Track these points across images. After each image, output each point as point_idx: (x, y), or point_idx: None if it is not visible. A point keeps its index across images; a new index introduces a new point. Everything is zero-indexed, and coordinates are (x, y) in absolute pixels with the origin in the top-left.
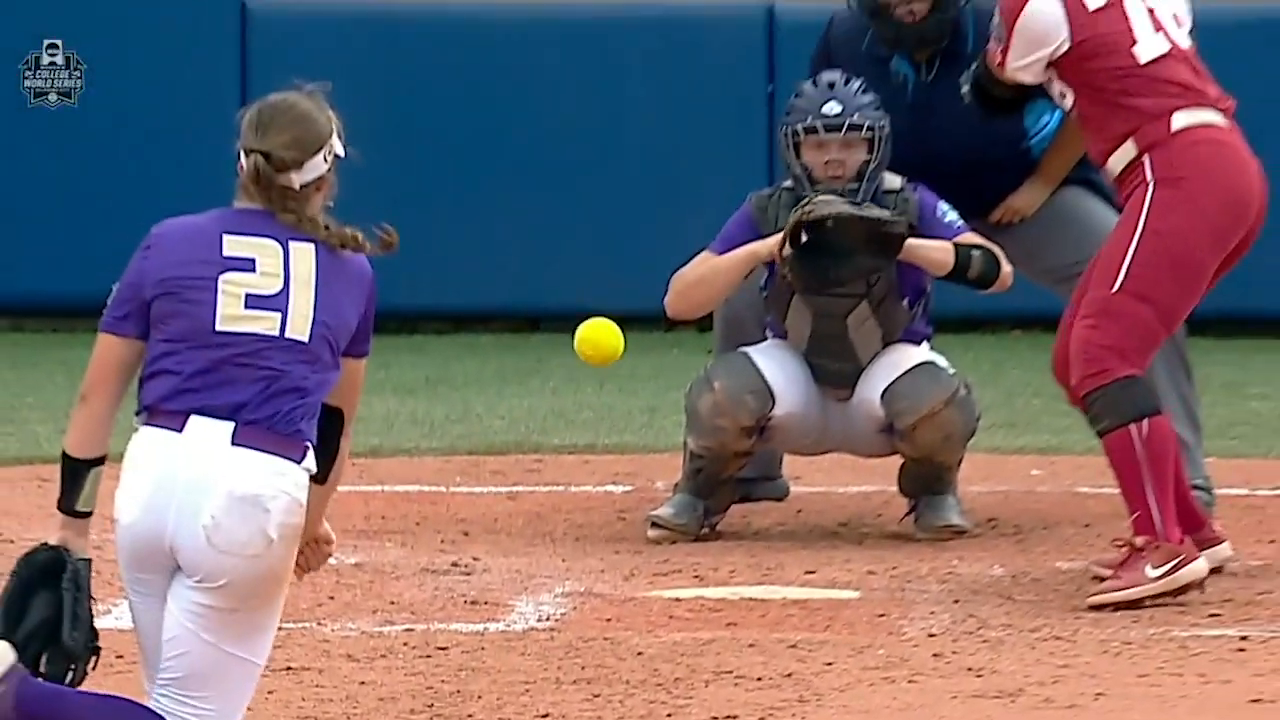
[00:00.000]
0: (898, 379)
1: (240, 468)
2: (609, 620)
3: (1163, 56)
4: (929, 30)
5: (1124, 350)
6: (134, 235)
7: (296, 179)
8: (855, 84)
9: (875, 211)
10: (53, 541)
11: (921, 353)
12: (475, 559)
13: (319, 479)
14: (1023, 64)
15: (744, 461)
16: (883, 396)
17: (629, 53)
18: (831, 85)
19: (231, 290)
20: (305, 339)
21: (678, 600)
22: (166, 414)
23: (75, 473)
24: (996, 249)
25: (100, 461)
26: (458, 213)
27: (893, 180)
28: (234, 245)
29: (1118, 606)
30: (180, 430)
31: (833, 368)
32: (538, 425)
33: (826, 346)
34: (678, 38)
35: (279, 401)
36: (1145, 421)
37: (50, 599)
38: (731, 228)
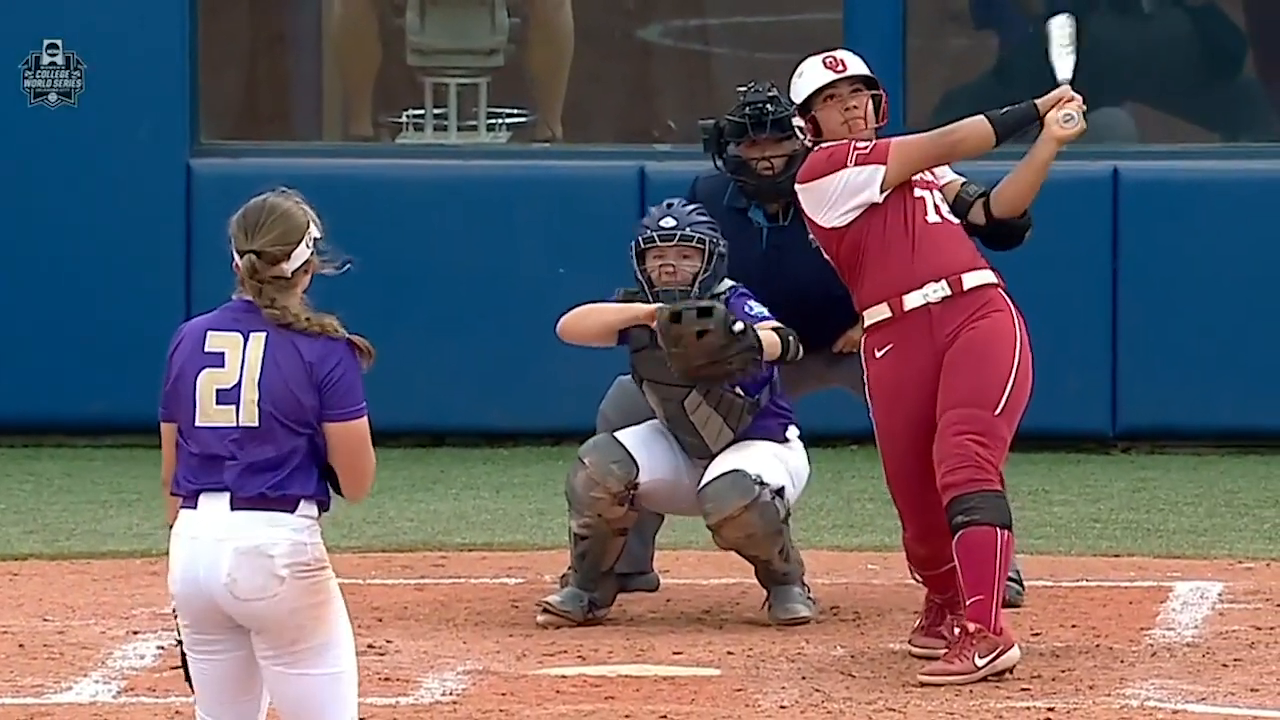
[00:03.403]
0: (709, 482)
1: (240, 527)
2: (504, 695)
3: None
4: (783, 183)
5: (998, 466)
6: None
7: (287, 267)
8: (691, 207)
9: (744, 333)
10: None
11: (756, 454)
12: (388, 641)
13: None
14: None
15: (622, 541)
16: (698, 493)
17: (520, 209)
18: (669, 205)
19: (206, 387)
20: (256, 424)
21: (564, 677)
22: (185, 496)
23: None
24: (793, 333)
25: None
26: (373, 340)
27: (721, 287)
28: (212, 341)
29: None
30: (195, 508)
31: (688, 440)
32: (442, 526)
33: (677, 424)
34: (562, 196)
35: (258, 480)
36: (1008, 531)
37: None
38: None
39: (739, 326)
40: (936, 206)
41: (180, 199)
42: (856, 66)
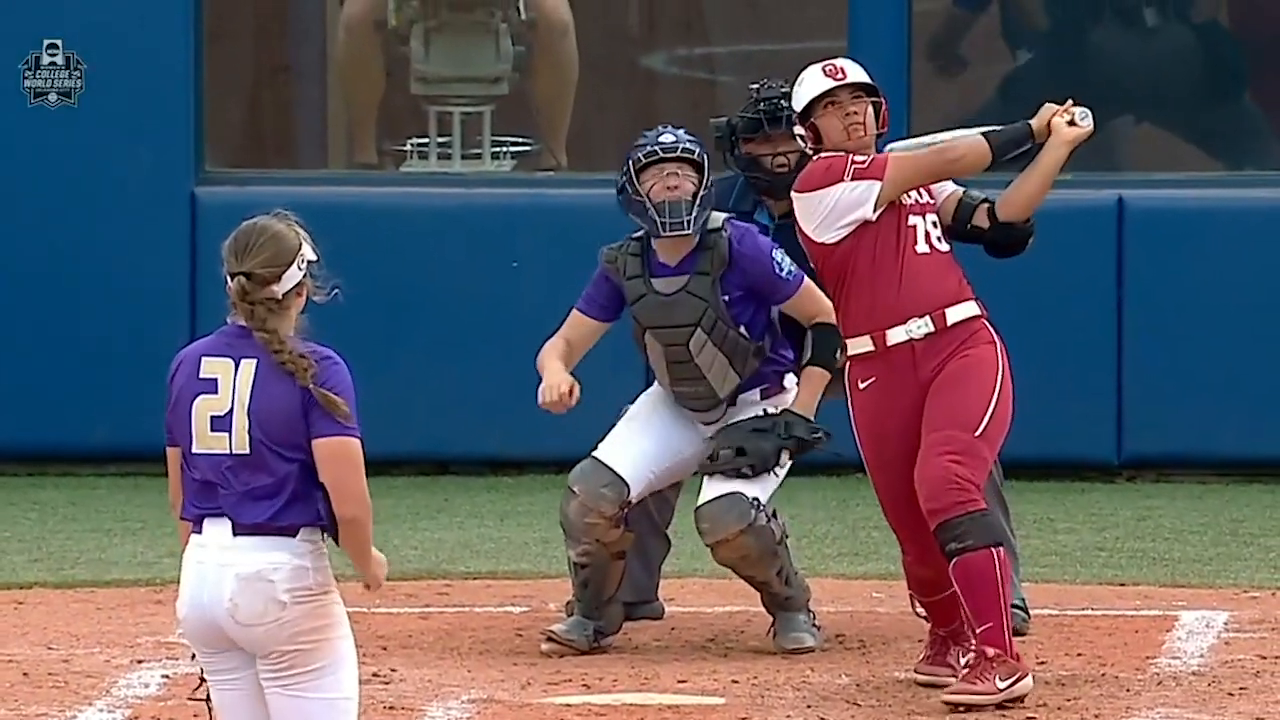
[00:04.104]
0: (707, 502)
1: (241, 553)
2: None
3: None
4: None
5: (980, 486)
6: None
7: (278, 289)
8: (680, 131)
9: (800, 431)
10: None
11: (748, 483)
12: (392, 670)
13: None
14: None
15: (622, 565)
16: (695, 511)
17: (524, 238)
18: (662, 127)
19: (201, 414)
20: (247, 451)
21: (568, 705)
22: (192, 520)
23: None
24: (832, 322)
25: None
26: (376, 374)
27: (715, 218)
28: (206, 367)
29: (968, 707)
30: (201, 533)
31: (691, 391)
32: (446, 555)
33: (680, 372)
34: (566, 225)
35: (257, 508)
36: (1001, 548)
37: None
38: (590, 287)
39: (776, 447)
40: (927, 234)
41: (185, 227)
42: (856, 74)
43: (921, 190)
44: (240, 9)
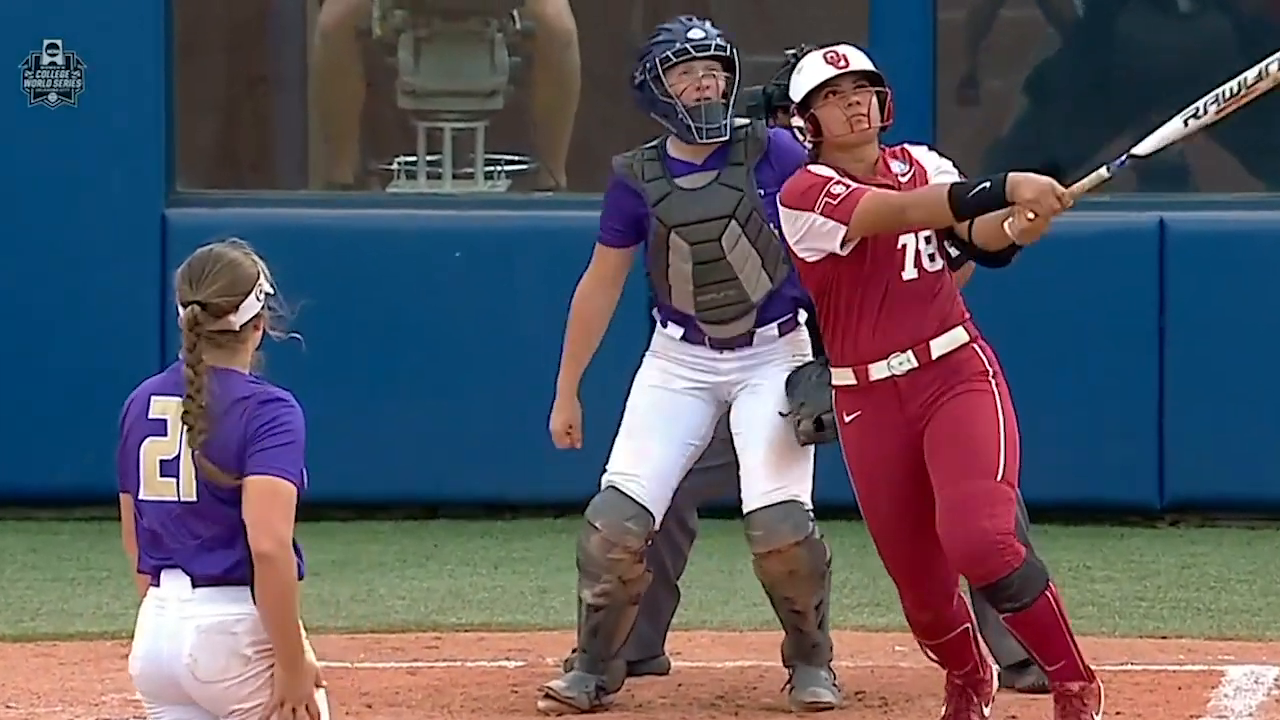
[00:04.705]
0: (759, 509)
1: (201, 605)
2: None
3: None
4: None
5: (1014, 532)
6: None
7: (235, 320)
8: (707, 22)
9: None
10: None
11: (795, 478)
12: None
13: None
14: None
15: (635, 611)
16: (745, 518)
17: (520, 263)
18: (687, 19)
19: (149, 458)
20: (194, 498)
21: None
22: (149, 572)
23: None
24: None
25: None
26: (362, 409)
27: (741, 119)
28: (156, 406)
29: None
30: (159, 585)
31: (719, 298)
32: (436, 605)
33: (709, 275)
34: (565, 249)
35: (212, 559)
36: (1052, 585)
37: None
38: (609, 203)
39: None
40: (918, 254)
41: (155, 252)
42: (860, 61)
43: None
44: (214, 15)
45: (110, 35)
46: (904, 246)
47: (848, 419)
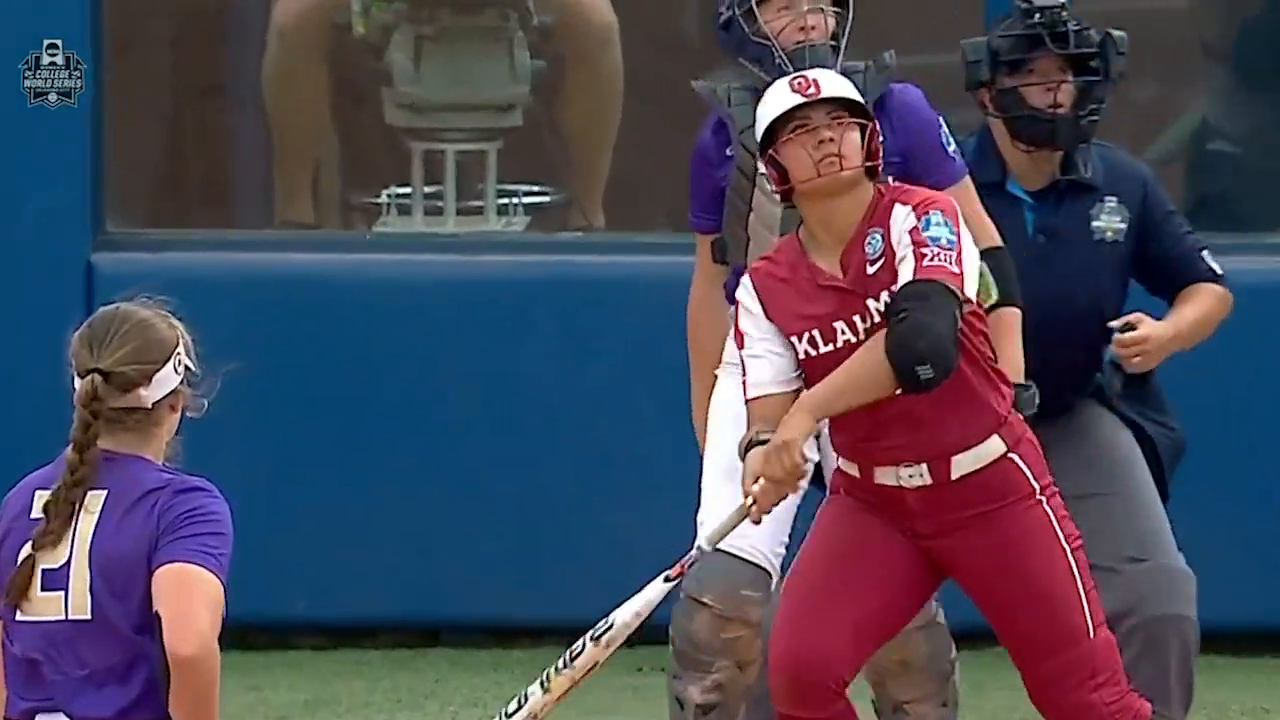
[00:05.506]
0: None
1: None
2: None
3: None
4: (1085, 125)
5: (1120, 679)
6: None
7: (147, 395)
8: None
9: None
10: None
11: None
12: None
13: None
14: None
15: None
16: None
17: (541, 322)
18: None
19: (29, 567)
20: (87, 616)
21: None
22: (18, 719)
23: None
24: (1001, 245)
25: None
26: (339, 508)
27: (855, 63)
28: (40, 502)
29: None
30: None
31: None
32: None
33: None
34: (598, 305)
35: (98, 698)
36: (1149, 706)
37: None
38: (695, 174)
39: None
40: None
41: (78, 306)
42: (836, 87)
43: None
44: (155, 8)
45: (18, 23)
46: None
47: (845, 494)
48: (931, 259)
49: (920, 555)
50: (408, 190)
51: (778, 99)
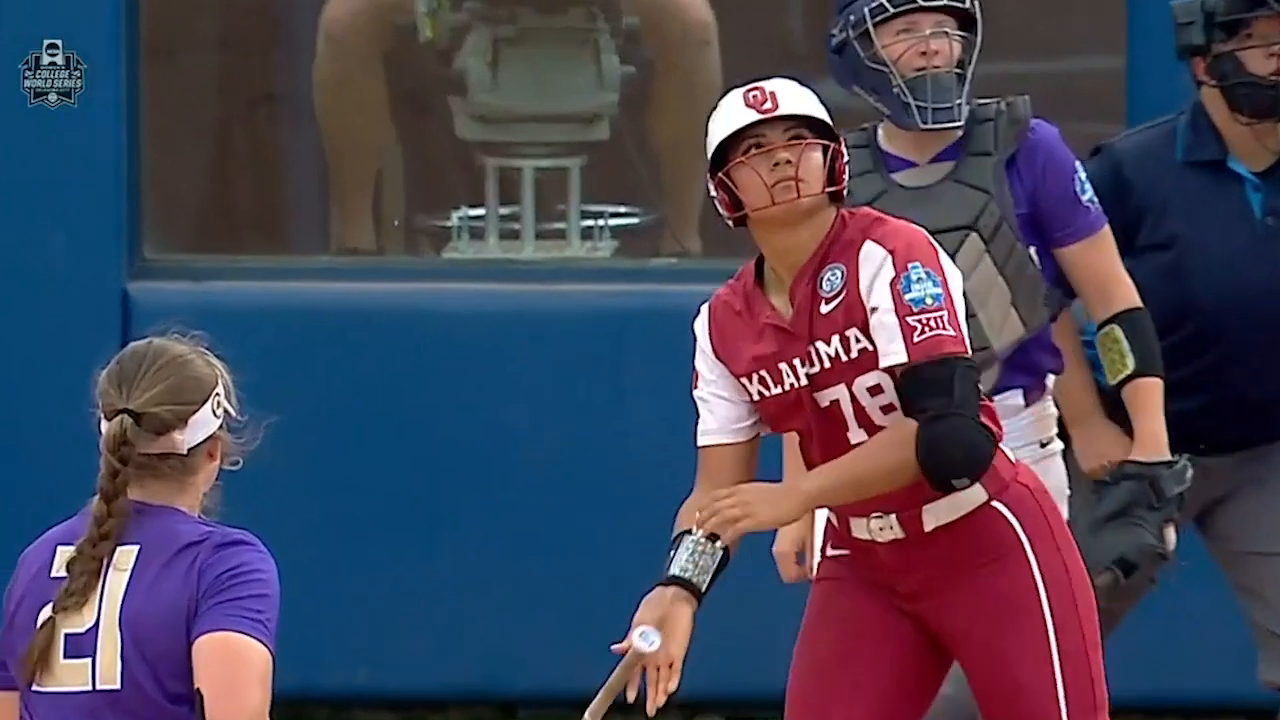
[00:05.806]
0: None
1: None
2: None
3: None
4: None
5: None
6: None
7: (181, 439)
8: None
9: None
10: None
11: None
12: None
13: None
14: None
15: None
16: None
17: (632, 358)
18: None
19: (50, 632)
20: (117, 686)
21: None
22: None
23: None
24: (1142, 307)
25: None
26: (402, 563)
27: (987, 103)
28: (63, 559)
29: None
30: None
31: None
32: None
33: None
34: (683, 334)
35: None
36: None
37: None
38: None
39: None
40: (859, 410)
41: (114, 339)
42: (795, 102)
43: (841, 344)
44: (199, 9)
45: (52, 26)
46: (834, 403)
47: (831, 551)
48: (923, 331)
49: (916, 629)
50: (481, 212)
51: (729, 115)
